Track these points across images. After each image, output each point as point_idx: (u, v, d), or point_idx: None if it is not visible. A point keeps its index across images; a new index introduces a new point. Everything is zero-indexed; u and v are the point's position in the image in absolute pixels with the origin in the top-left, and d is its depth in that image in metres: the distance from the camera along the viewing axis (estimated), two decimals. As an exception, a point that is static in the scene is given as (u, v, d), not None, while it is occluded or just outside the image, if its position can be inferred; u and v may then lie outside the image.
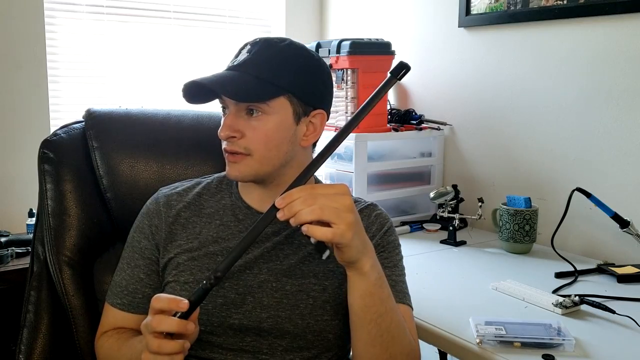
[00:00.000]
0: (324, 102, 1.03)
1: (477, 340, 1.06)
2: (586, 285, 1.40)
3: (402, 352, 0.93)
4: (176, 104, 2.51)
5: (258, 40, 0.99)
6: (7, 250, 1.85)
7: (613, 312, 1.19)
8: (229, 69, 0.98)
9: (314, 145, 1.06)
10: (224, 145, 0.98)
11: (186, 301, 0.79)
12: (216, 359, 0.99)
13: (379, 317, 0.89)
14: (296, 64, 0.98)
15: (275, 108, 0.96)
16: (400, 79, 0.80)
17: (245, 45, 1.00)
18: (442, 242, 1.77)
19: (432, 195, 1.82)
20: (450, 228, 1.76)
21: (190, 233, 1.03)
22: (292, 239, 1.03)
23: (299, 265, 1.01)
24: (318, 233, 0.79)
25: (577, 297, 1.24)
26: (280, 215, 0.80)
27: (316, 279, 1.01)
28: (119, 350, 0.99)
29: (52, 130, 1.36)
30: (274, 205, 0.82)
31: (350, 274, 0.88)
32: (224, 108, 1.00)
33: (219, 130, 0.97)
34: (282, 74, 0.96)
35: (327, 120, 1.04)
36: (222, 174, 1.12)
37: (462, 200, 1.92)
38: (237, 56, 0.99)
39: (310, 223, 0.80)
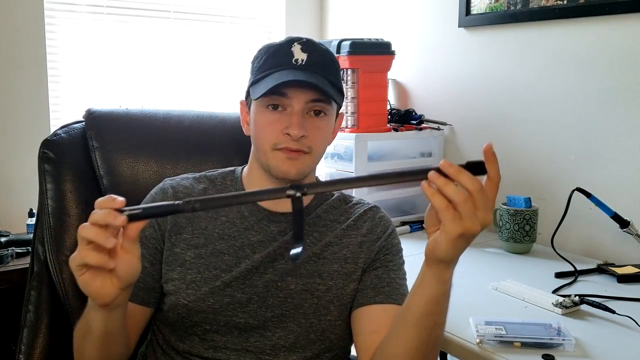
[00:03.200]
0: None
1: (477, 340, 1.07)
2: (586, 285, 1.40)
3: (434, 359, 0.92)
4: (176, 104, 2.51)
5: (305, 40, 1.00)
6: (7, 250, 1.84)
7: (613, 312, 1.19)
8: (302, 68, 0.97)
9: None
10: (285, 144, 0.96)
11: (122, 199, 0.72)
12: (219, 358, 0.99)
13: (434, 326, 0.86)
14: (339, 67, 1.05)
15: (333, 108, 1.02)
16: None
17: (292, 42, 1.00)
18: (442, 242, 1.77)
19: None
20: (450, 228, 1.75)
21: (196, 227, 1.03)
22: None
23: (304, 265, 1.01)
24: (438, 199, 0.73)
25: (577, 297, 1.24)
26: (431, 176, 0.73)
27: (321, 278, 1.01)
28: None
29: (52, 130, 1.36)
30: (288, 188, 0.74)
31: (429, 275, 0.82)
32: (275, 106, 0.98)
33: (287, 129, 0.95)
34: (339, 77, 1.03)
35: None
36: (227, 170, 1.13)
37: (462, 200, 1.91)
38: (292, 54, 0.98)
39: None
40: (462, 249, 0.77)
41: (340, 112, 1.08)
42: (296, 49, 0.99)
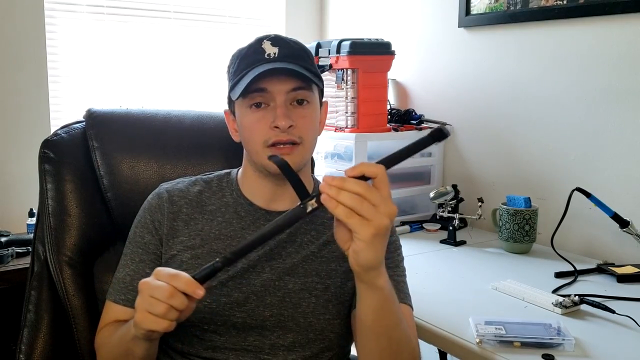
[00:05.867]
0: None
1: (477, 340, 1.07)
2: (586, 285, 1.40)
3: (410, 356, 0.92)
4: (177, 104, 2.51)
5: (273, 36, 1.01)
6: (8, 250, 1.85)
7: (613, 311, 1.19)
8: (275, 60, 0.98)
9: None
10: (275, 138, 0.97)
11: (203, 291, 0.80)
12: (218, 358, 0.99)
13: (389, 330, 0.87)
14: (313, 57, 1.05)
15: (315, 97, 1.02)
16: (436, 141, 0.79)
17: (261, 40, 1.00)
18: (442, 242, 1.77)
19: (432, 195, 1.82)
20: (450, 228, 1.76)
21: (192, 229, 1.04)
22: (295, 238, 1.03)
23: (302, 264, 1.01)
24: (338, 210, 0.75)
25: (576, 296, 1.24)
26: (322, 186, 0.76)
27: (319, 277, 1.01)
28: (115, 332, 0.98)
29: (53, 130, 1.36)
30: (300, 206, 0.79)
31: (362, 287, 0.84)
32: (258, 104, 0.98)
33: (274, 122, 0.96)
34: (313, 65, 1.03)
35: None
36: (222, 172, 1.13)
37: (462, 200, 1.92)
38: (263, 51, 0.99)
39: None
40: (382, 247, 0.79)
41: (324, 100, 1.09)
42: (266, 45, 0.99)
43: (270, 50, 0.99)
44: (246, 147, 1.04)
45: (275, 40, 1.00)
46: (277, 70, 0.95)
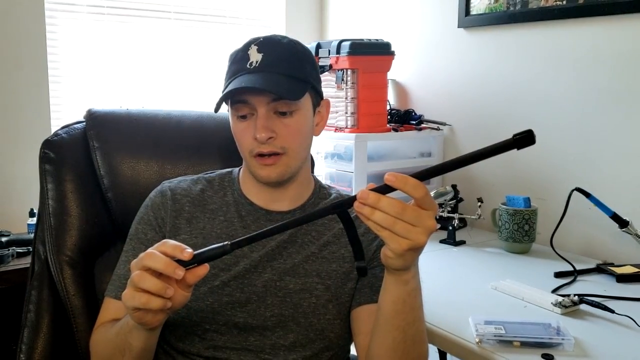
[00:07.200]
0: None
1: (477, 340, 1.07)
2: (585, 285, 1.40)
3: (419, 357, 0.92)
4: (177, 104, 2.51)
5: (262, 39, 0.99)
6: (8, 250, 1.85)
7: (612, 311, 1.20)
8: (255, 70, 0.96)
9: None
10: (257, 149, 0.97)
11: (190, 250, 0.75)
12: (219, 357, 0.99)
13: (406, 325, 0.87)
14: (306, 57, 1.02)
15: (303, 103, 1.00)
16: (519, 148, 0.71)
17: (249, 44, 0.99)
18: (441, 241, 1.77)
19: (431, 195, 1.82)
20: (450, 228, 1.76)
21: (194, 228, 1.04)
22: (296, 238, 1.03)
23: (302, 265, 1.02)
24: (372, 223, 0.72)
25: (576, 296, 1.24)
26: (356, 206, 0.72)
27: (319, 278, 1.01)
28: (112, 328, 0.96)
29: (53, 130, 1.36)
30: (332, 211, 0.76)
31: (389, 278, 0.84)
32: (243, 116, 0.99)
33: (254, 134, 0.96)
34: (303, 69, 1.00)
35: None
36: (224, 171, 1.13)
37: (461, 200, 1.92)
38: (248, 58, 0.98)
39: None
40: (413, 258, 0.77)
41: (324, 99, 1.08)
42: (252, 51, 0.98)
43: (254, 57, 0.97)
44: (239, 152, 1.05)
45: (263, 44, 0.98)
46: (251, 86, 0.94)
